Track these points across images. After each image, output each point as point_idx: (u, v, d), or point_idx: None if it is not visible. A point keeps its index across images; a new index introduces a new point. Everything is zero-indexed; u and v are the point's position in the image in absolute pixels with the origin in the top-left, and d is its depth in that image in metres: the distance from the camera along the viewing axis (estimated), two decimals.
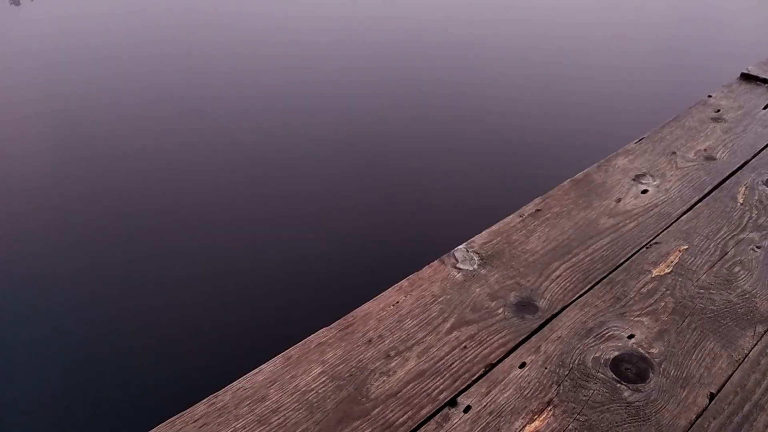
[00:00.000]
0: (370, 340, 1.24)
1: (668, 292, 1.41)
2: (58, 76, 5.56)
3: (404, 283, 1.40)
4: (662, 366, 1.20)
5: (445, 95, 4.65)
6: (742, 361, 1.22)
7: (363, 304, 1.31)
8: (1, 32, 6.79)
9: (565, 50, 5.65)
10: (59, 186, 4.23)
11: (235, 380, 1.11)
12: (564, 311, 1.34)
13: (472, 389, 1.15)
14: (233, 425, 1.06)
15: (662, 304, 1.37)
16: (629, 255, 1.53)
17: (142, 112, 4.60)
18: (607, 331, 1.29)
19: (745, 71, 2.63)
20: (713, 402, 1.14)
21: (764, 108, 2.33)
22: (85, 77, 5.47)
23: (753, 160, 1.97)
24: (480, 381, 1.16)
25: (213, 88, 5.16)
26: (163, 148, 4.33)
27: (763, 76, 2.59)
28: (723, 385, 1.17)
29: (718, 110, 2.30)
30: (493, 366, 1.19)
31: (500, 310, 1.33)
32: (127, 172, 4.19)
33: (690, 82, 4.80)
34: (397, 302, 1.34)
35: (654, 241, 1.58)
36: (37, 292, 3.62)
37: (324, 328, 1.24)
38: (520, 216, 1.67)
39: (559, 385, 1.16)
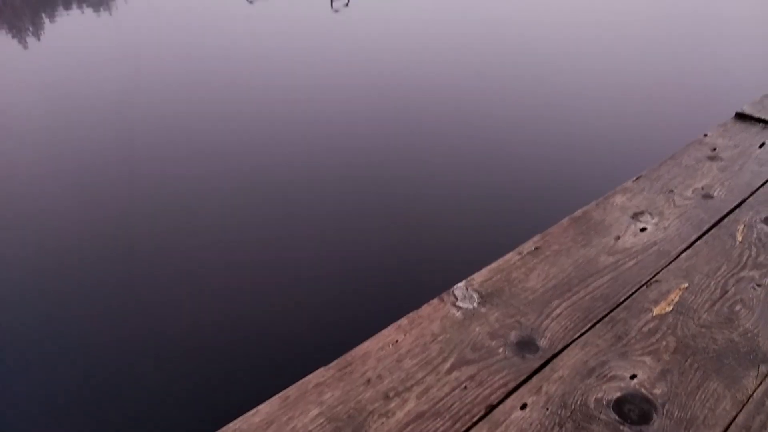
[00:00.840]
0: (368, 381, 1.22)
1: (669, 331, 1.39)
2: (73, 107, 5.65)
3: (403, 321, 1.38)
4: (665, 407, 1.18)
5: (443, 133, 4.70)
6: (746, 402, 1.20)
7: (362, 343, 1.29)
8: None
9: (563, 89, 5.74)
10: (77, 207, 4.23)
11: (231, 421, 1.09)
12: (565, 350, 1.33)
13: (472, 431, 1.12)
14: None
15: (664, 343, 1.36)
16: (629, 293, 1.52)
17: (158, 138, 4.64)
18: (609, 371, 1.27)
19: (740, 111, 2.67)
20: None
21: (759, 146, 2.36)
22: (99, 104, 5.56)
23: (750, 198, 1.98)
24: (480, 423, 1.14)
25: (221, 118, 5.23)
26: (173, 176, 4.35)
27: (758, 115, 2.63)
28: (727, 427, 1.15)
29: (714, 149, 2.33)
30: (493, 407, 1.17)
31: (500, 350, 1.31)
32: (142, 199, 4.21)
33: (684, 122, 4.87)
34: (397, 341, 1.32)
35: (654, 279, 1.58)
36: (44, 314, 3.58)
37: (322, 368, 1.22)
38: (520, 254, 1.66)
39: (561, 426, 1.14)
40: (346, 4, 11.11)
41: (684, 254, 1.67)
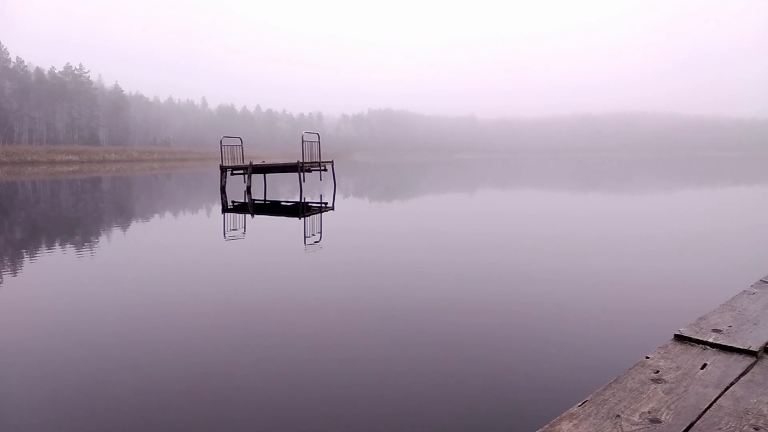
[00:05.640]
0: None
1: None
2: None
3: None
4: None
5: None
6: None
7: None
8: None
9: (506, 312, 5.92)
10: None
11: None
12: None
13: None
14: None
15: None
16: None
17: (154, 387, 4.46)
18: None
19: (678, 333, 2.77)
20: None
21: (701, 368, 2.40)
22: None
23: (698, 422, 1.96)
24: None
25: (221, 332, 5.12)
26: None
27: (696, 337, 2.73)
28: None
29: (657, 371, 2.37)
30: None
31: None
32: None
33: (621, 342, 5.02)
34: None
35: None
36: None
37: None
38: None
39: None
40: (318, 241, 11.89)
41: None
